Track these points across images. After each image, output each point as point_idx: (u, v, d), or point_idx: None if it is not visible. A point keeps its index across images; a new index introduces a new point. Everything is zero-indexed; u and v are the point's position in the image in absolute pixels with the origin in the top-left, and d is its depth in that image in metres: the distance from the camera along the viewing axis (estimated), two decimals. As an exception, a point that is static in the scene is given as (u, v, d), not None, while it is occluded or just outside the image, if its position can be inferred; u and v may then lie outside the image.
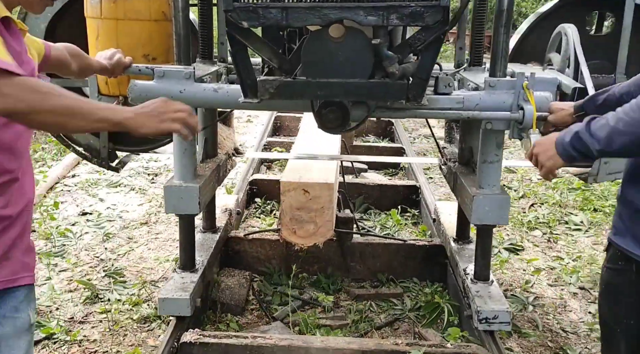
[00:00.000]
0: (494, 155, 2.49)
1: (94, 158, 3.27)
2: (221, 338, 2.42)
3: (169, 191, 2.56)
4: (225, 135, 3.28)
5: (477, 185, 2.55)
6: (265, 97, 2.06)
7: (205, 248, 3.04)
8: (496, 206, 2.47)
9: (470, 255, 2.89)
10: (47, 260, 3.59)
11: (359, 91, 2.04)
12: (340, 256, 3.39)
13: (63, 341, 2.80)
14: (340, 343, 2.41)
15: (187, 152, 2.59)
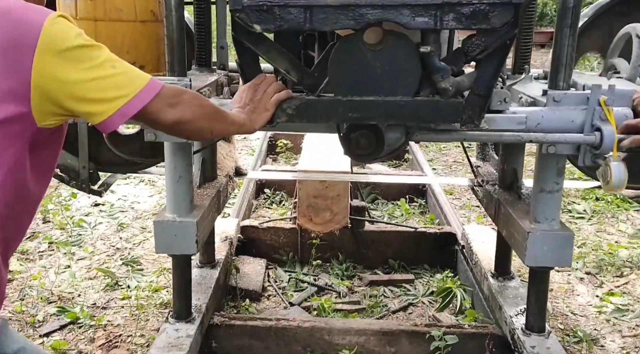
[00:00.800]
0: (553, 184, 2.08)
1: (72, 180, 2.79)
2: (246, 320, 2.50)
3: (160, 227, 2.15)
4: (225, 153, 2.91)
5: (532, 218, 2.13)
6: (282, 120, 1.71)
7: (203, 288, 2.64)
8: (556, 246, 2.07)
9: (516, 296, 2.53)
10: (64, 248, 3.66)
11: (402, 112, 1.69)
12: (353, 244, 3.47)
13: (88, 325, 2.87)
14: (362, 324, 2.50)
15: (181, 179, 2.17)
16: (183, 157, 2.15)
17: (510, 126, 1.86)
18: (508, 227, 2.30)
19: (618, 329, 2.98)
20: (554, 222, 2.11)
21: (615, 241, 3.92)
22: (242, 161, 5.61)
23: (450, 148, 6.31)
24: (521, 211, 2.26)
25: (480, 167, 2.84)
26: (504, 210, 2.35)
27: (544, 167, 2.09)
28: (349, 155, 1.88)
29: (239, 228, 3.42)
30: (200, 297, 2.52)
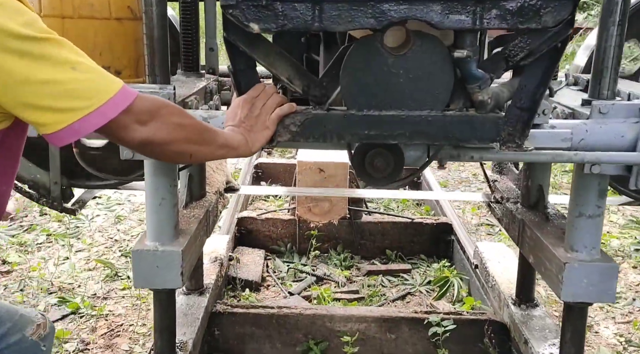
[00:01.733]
0: (595, 207, 1.76)
1: (42, 198, 2.42)
2: (248, 308, 2.53)
3: (139, 257, 1.81)
4: (215, 167, 2.62)
5: (568, 246, 1.82)
6: (284, 138, 1.45)
7: (189, 320, 2.31)
8: (598, 279, 1.75)
9: (544, 328, 2.24)
10: (63, 240, 3.68)
11: (430, 130, 1.42)
12: (351, 235, 3.52)
13: (89, 315, 2.89)
14: (362, 311, 2.54)
15: (164, 202, 1.83)
16: (166, 175, 1.82)
17: (553, 143, 1.57)
18: (536, 253, 1.98)
19: (612, 316, 3.04)
20: (594, 251, 1.79)
21: (607, 232, 3.99)
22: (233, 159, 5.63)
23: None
24: (552, 235, 1.94)
25: (497, 181, 2.54)
26: (531, 233, 2.04)
27: (584, 189, 1.76)
28: (361, 178, 1.59)
29: (230, 245, 3.19)
30: (186, 331, 2.20)
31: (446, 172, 5.31)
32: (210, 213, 2.27)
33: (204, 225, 2.17)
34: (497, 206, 2.44)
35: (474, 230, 4.05)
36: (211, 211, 2.28)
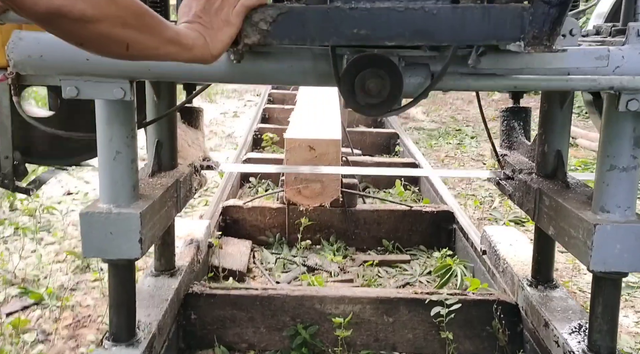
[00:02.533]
0: (630, 158, 1.52)
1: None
2: (229, 289, 2.26)
3: (89, 222, 1.57)
4: (191, 141, 2.35)
5: (597, 207, 1.57)
6: (253, 39, 1.20)
7: (155, 302, 1.98)
8: (635, 244, 1.52)
9: (566, 309, 1.97)
10: (32, 234, 3.39)
11: (436, 27, 1.19)
12: (344, 223, 3.25)
13: (54, 306, 2.60)
14: (357, 292, 2.26)
15: (120, 156, 1.59)
16: (122, 124, 1.59)
17: (585, 63, 1.36)
18: (558, 222, 1.74)
19: (631, 305, 2.78)
20: (629, 212, 1.54)
21: None
22: (224, 154, 5.41)
23: (442, 145, 6.14)
24: (576, 201, 1.70)
25: (507, 155, 2.30)
26: (550, 202, 1.80)
27: (616, 135, 1.52)
28: (352, 106, 1.32)
29: (209, 230, 2.81)
30: (151, 313, 1.90)
31: (446, 169, 5.07)
32: (181, 184, 2.02)
33: (172, 196, 1.92)
34: (507, 182, 2.17)
35: (477, 224, 3.79)
36: (182, 183, 2.03)
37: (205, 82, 1.98)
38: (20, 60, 1.44)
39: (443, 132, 6.66)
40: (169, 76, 1.62)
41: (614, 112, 1.49)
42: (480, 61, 1.32)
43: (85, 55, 1.36)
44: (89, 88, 1.48)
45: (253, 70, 1.46)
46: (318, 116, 3.22)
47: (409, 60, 1.36)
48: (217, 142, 5.77)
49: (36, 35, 1.44)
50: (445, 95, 9.68)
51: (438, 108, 8.49)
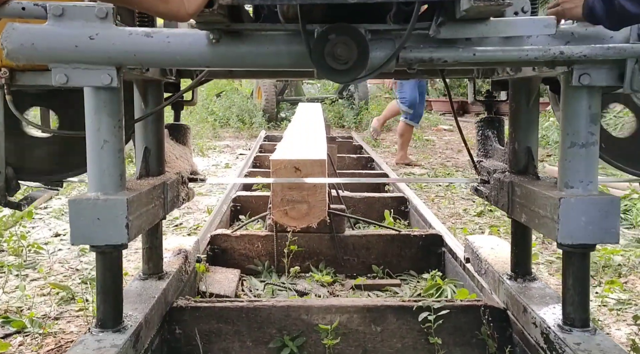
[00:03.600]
0: (588, 134, 1.63)
1: None
2: (214, 302, 2.22)
3: (77, 208, 1.60)
4: (179, 154, 2.44)
5: (562, 184, 1.68)
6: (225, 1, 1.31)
7: (143, 299, 2.03)
8: (598, 215, 1.59)
9: (543, 296, 2.06)
10: (17, 271, 3.35)
11: None
12: (333, 250, 3.23)
13: (36, 333, 2.54)
14: (344, 301, 2.23)
15: (107, 145, 1.65)
16: (109, 115, 1.65)
17: (536, 30, 1.47)
18: (529, 207, 1.83)
19: (623, 319, 2.74)
20: (592, 186, 1.64)
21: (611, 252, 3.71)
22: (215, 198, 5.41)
23: (432, 187, 6.18)
24: (544, 186, 1.81)
25: (483, 161, 2.44)
26: (521, 191, 1.91)
27: (574, 114, 1.64)
28: (322, 73, 1.45)
29: (198, 245, 2.89)
30: (138, 307, 1.95)
31: (436, 208, 5.08)
32: (169, 187, 2.12)
33: (159, 195, 2.02)
34: (484, 186, 2.34)
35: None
36: (169, 186, 2.13)
37: (187, 67, 2.09)
38: (13, 48, 1.51)
39: (433, 176, 6.72)
40: (153, 61, 1.69)
41: (570, 91, 1.63)
42: (439, 31, 1.43)
43: (74, 43, 1.52)
44: (78, 76, 1.56)
45: (231, 52, 1.55)
46: (304, 143, 3.27)
47: (375, 35, 1.47)
48: (208, 187, 5.78)
49: (28, 26, 1.53)
50: (435, 145, 9.84)
51: (428, 156, 8.58)
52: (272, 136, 8.90)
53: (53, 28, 1.54)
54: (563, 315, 1.76)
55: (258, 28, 1.56)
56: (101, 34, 1.54)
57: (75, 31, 1.54)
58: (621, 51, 1.48)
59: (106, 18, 1.55)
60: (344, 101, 12.87)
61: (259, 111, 12.03)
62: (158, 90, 2.19)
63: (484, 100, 2.54)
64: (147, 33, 1.57)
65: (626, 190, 4.94)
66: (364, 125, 11.67)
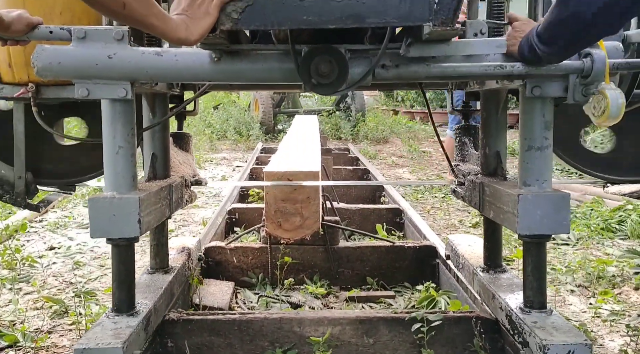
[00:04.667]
0: (542, 139, 1.88)
1: (5, 194, 2.43)
2: (206, 315, 2.22)
3: (96, 206, 1.81)
4: (182, 160, 2.66)
5: (521, 183, 1.93)
6: (227, 26, 1.50)
7: (151, 289, 2.24)
8: (552, 209, 1.83)
9: (510, 284, 2.27)
10: (10, 284, 3.34)
11: (365, 11, 1.49)
12: (327, 262, 3.23)
13: (29, 347, 2.53)
14: (336, 314, 2.23)
15: (122, 151, 1.86)
16: (123, 124, 1.87)
17: (489, 50, 1.72)
18: (496, 204, 2.06)
19: (616, 330, 2.73)
20: (546, 184, 1.89)
21: (604, 262, 3.72)
22: (210, 210, 5.41)
23: (427, 198, 6.19)
24: (509, 185, 2.04)
25: (459, 165, 2.69)
26: (490, 190, 2.14)
27: (529, 120, 1.89)
28: (309, 87, 1.67)
29: (200, 245, 3.11)
30: (148, 296, 2.16)
31: (432, 220, 5.08)
32: (174, 189, 2.32)
33: (166, 196, 2.23)
34: (460, 188, 2.56)
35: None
36: (175, 188, 2.33)
37: (193, 81, 2.39)
38: (43, 66, 1.74)
39: (428, 187, 6.73)
40: (163, 76, 1.90)
41: (526, 101, 1.89)
42: (409, 51, 1.67)
43: (94, 61, 1.75)
44: (97, 90, 1.79)
45: (231, 69, 1.78)
46: (298, 154, 3.28)
47: (354, 54, 1.71)
48: (204, 199, 5.79)
49: (55, 47, 1.76)
50: (432, 157, 9.86)
51: (424, 168, 8.60)
52: (269, 148, 8.91)
53: (77, 49, 1.75)
54: (524, 299, 1.99)
55: (254, 48, 1.78)
56: (118, 54, 1.75)
57: (96, 51, 1.75)
58: (563, 68, 1.70)
59: (122, 40, 1.76)
60: (341, 113, 12.89)
61: (256, 123, 12.04)
62: (164, 102, 2.44)
63: (461, 110, 2.80)
64: (158, 52, 1.79)
65: (621, 201, 4.96)
66: (361, 137, 11.69)
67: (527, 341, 1.86)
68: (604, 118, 1.62)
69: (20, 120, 2.33)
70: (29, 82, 2.14)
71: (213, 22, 1.46)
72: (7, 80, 2.18)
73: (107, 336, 1.80)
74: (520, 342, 1.91)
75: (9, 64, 2.16)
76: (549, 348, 1.74)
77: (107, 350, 1.73)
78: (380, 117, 14.12)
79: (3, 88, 2.18)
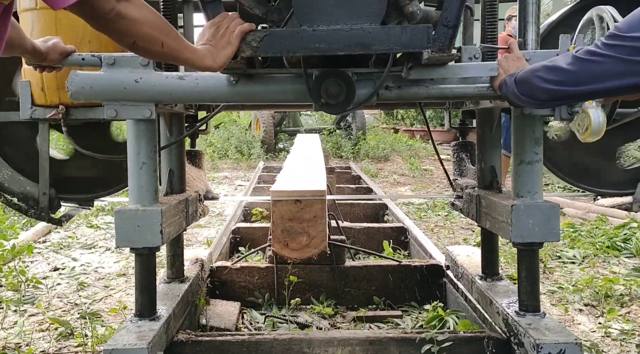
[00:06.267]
0: (532, 154, 2.05)
1: (31, 209, 2.61)
2: (215, 336, 2.20)
3: (121, 218, 1.98)
4: (195, 176, 2.85)
5: (514, 195, 2.09)
6: (247, 53, 1.65)
7: (169, 297, 2.41)
8: (543, 219, 1.99)
9: (506, 291, 2.42)
10: (15, 307, 3.31)
11: (370, 40, 1.62)
12: (334, 281, 3.22)
13: (34, 370, 2.52)
14: (345, 334, 2.22)
15: (145, 167, 2.05)
16: (147, 142, 2.05)
17: (482, 73, 1.89)
18: (491, 214, 2.22)
19: (627, 350, 2.71)
20: (537, 195, 2.06)
21: (610, 280, 3.70)
22: (213, 230, 5.40)
23: (431, 216, 6.18)
24: (503, 197, 2.21)
25: (457, 180, 2.85)
26: (486, 202, 2.30)
27: (521, 137, 2.07)
28: (319, 107, 1.82)
29: (211, 256, 3.27)
30: (167, 303, 2.30)
31: (436, 238, 5.07)
32: (189, 203, 2.48)
33: (183, 209, 2.38)
34: (459, 200, 2.72)
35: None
36: (190, 202, 2.49)
37: (212, 102, 2.56)
38: (76, 90, 1.91)
39: (431, 205, 6.71)
40: (184, 98, 2.07)
41: (518, 119, 2.07)
42: (410, 73, 1.84)
43: (123, 85, 1.91)
44: (125, 111, 1.95)
45: (247, 91, 1.93)
46: (303, 173, 3.29)
47: (360, 76, 1.86)
48: (207, 219, 5.77)
49: (87, 73, 1.92)
50: (433, 174, 9.87)
51: (426, 186, 8.60)
52: (271, 167, 8.92)
53: (106, 74, 1.92)
54: (519, 303, 2.15)
55: (268, 72, 1.93)
56: (144, 78, 1.92)
57: (124, 76, 1.92)
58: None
59: (148, 65, 1.93)
60: (342, 131, 12.92)
61: (257, 142, 12.07)
62: (180, 121, 2.63)
63: (458, 127, 2.98)
64: (180, 76, 1.94)
65: (625, 218, 4.95)
66: (362, 155, 11.71)
67: (522, 341, 2.01)
68: (587, 134, 1.74)
69: (45, 139, 2.50)
70: (60, 104, 2.34)
71: (235, 51, 1.61)
72: (40, 103, 2.38)
73: (132, 338, 1.94)
74: (516, 343, 2.05)
75: (41, 88, 2.35)
76: (542, 347, 1.88)
77: (134, 350, 1.87)
78: (381, 135, 14.14)
79: (36, 110, 2.38)
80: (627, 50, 1.37)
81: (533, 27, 2.04)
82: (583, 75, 1.45)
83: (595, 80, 1.43)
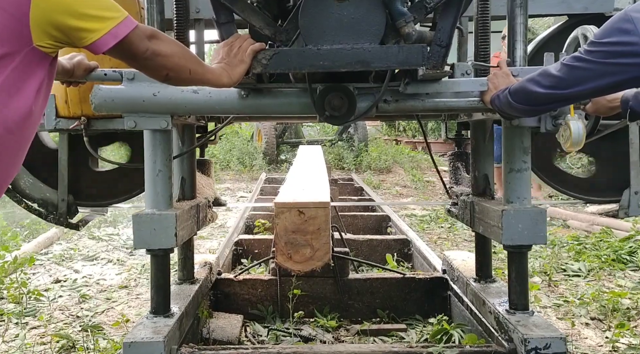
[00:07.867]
0: (521, 162, 2.20)
1: (50, 214, 2.72)
2: (218, 350, 2.18)
3: (139, 221, 2.15)
4: (205, 183, 2.98)
5: (505, 201, 2.24)
6: (258, 70, 1.81)
7: (182, 297, 2.57)
8: (531, 223, 2.14)
9: (498, 292, 2.58)
10: (17, 319, 3.29)
11: (370, 58, 1.77)
12: (337, 294, 3.19)
13: (35, 384, 2.49)
14: (350, 348, 2.19)
15: (161, 174, 2.22)
16: (163, 151, 2.22)
17: (474, 87, 2.04)
18: (483, 219, 2.38)
19: (635, 365, 2.68)
20: (526, 201, 2.21)
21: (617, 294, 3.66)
22: (216, 242, 5.38)
23: (433, 228, 6.15)
24: (495, 203, 2.37)
25: (453, 188, 3.02)
26: (479, 208, 2.45)
27: (511, 147, 2.22)
28: (323, 118, 1.99)
29: (219, 260, 3.42)
30: (179, 302, 2.47)
31: (439, 250, 5.04)
32: (200, 208, 2.65)
33: (194, 214, 2.54)
34: (454, 207, 2.86)
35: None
36: (200, 208, 2.66)
37: (224, 114, 2.75)
38: (99, 103, 2.07)
39: (434, 217, 6.69)
40: (198, 110, 2.25)
41: (507, 130, 2.22)
42: (407, 88, 2.01)
43: (142, 98, 2.07)
44: (143, 122, 2.11)
45: (256, 104, 2.10)
46: (307, 185, 3.28)
47: (361, 91, 2.02)
48: (209, 231, 5.76)
49: (109, 87, 2.08)
50: (435, 186, 9.84)
51: (428, 198, 8.58)
52: (273, 178, 8.91)
53: (127, 88, 2.07)
54: (509, 302, 2.32)
55: (276, 86, 2.09)
56: (162, 92, 2.06)
57: (143, 90, 2.06)
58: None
59: None
60: (344, 143, 12.92)
61: (259, 154, 12.07)
62: (192, 132, 2.80)
63: (454, 138, 3.18)
64: (195, 90, 2.08)
65: (630, 231, 4.92)
66: (364, 167, 11.69)
67: (511, 337, 2.18)
68: (569, 144, 1.86)
69: (64, 149, 2.64)
70: (82, 116, 2.46)
71: (247, 68, 1.77)
72: (63, 115, 2.52)
73: (149, 332, 2.10)
74: (506, 339, 2.21)
75: (65, 101, 2.49)
76: (529, 341, 2.05)
77: (151, 344, 2.03)
78: (383, 146, 14.13)
79: (59, 121, 2.51)
80: (603, 54, 1.54)
81: (521, 46, 2.16)
82: (570, 79, 1.61)
83: (580, 82, 1.59)
